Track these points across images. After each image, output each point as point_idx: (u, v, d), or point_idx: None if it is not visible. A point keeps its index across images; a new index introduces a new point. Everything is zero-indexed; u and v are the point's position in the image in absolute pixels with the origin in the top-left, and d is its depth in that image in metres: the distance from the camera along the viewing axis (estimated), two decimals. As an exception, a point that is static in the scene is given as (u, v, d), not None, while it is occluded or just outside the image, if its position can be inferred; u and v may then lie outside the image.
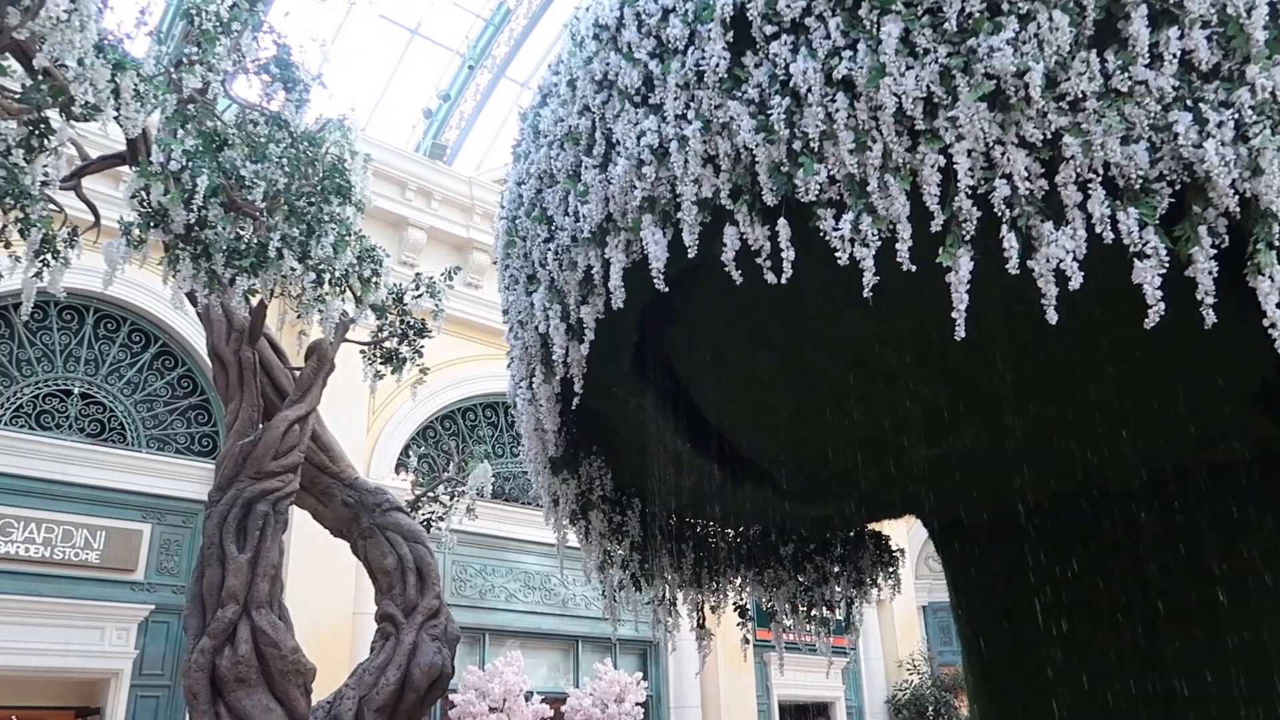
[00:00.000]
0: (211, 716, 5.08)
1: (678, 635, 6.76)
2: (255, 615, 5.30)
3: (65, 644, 12.11)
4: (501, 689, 14.83)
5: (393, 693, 5.66)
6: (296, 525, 9.18)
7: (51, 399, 13.23)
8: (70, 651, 12.17)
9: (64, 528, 12.58)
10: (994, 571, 5.75)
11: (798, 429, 5.19)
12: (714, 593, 6.48)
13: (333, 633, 13.17)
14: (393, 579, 6.10)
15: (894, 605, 21.49)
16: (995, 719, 5.84)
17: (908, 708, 21.37)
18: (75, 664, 12.32)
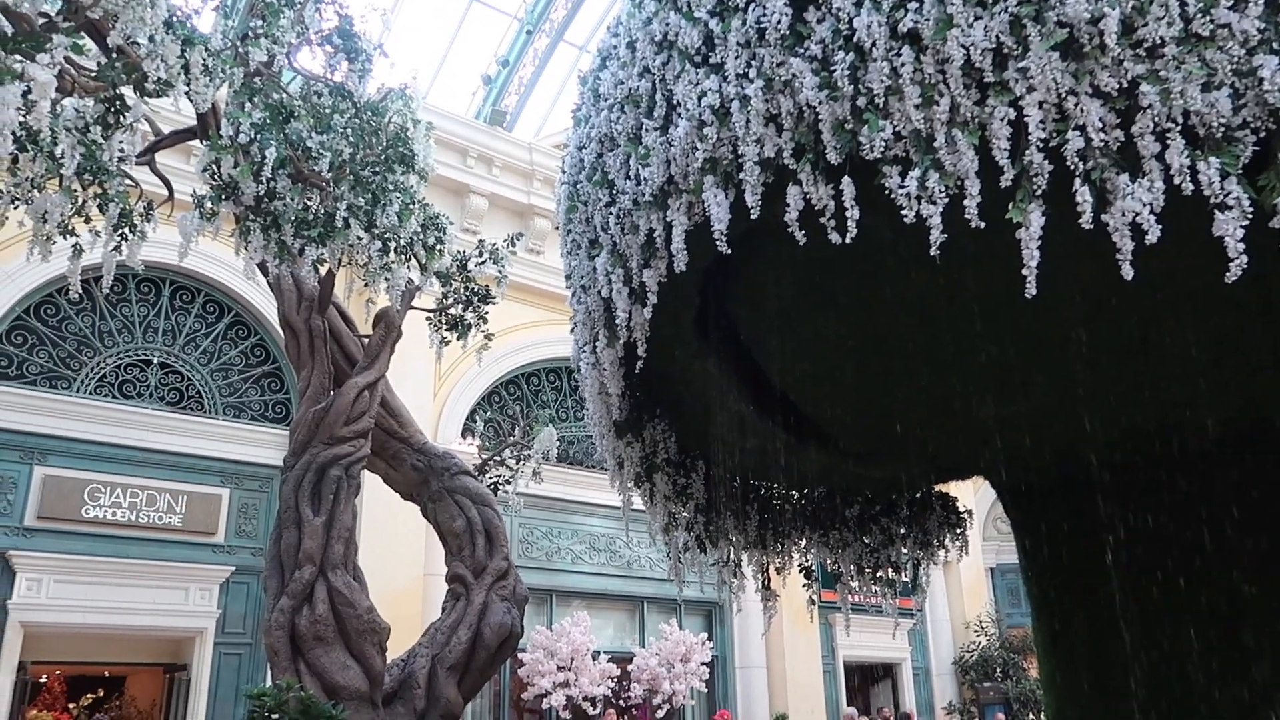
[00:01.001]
0: (292, 673, 5.27)
1: (743, 596, 6.80)
2: (331, 576, 5.46)
3: (153, 604, 12.63)
4: (569, 648, 15.09)
5: (464, 651, 5.80)
6: (368, 490, 9.39)
7: (132, 368, 13.69)
8: (158, 611, 12.69)
9: (148, 492, 13.06)
10: (1065, 532, 5.66)
11: (863, 390, 5.15)
12: (779, 554, 6.49)
13: (405, 594, 13.51)
14: (462, 541, 6.23)
15: (961, 567, 21.31)
16: (1065, 681, 5.77)
17: (975, 669, 21.23)
18: (163, 623, 12.85)
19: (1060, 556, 5.73)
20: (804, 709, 17.55)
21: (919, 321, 4.47)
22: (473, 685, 5.87)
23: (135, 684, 17.84)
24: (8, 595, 11.79)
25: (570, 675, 15.02)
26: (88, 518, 12.47)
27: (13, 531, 12.09)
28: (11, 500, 12.19)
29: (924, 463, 5.86)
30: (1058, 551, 5.74)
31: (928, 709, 20.64)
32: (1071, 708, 5.71)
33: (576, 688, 14.94)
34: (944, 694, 21.35)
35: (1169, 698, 5.12)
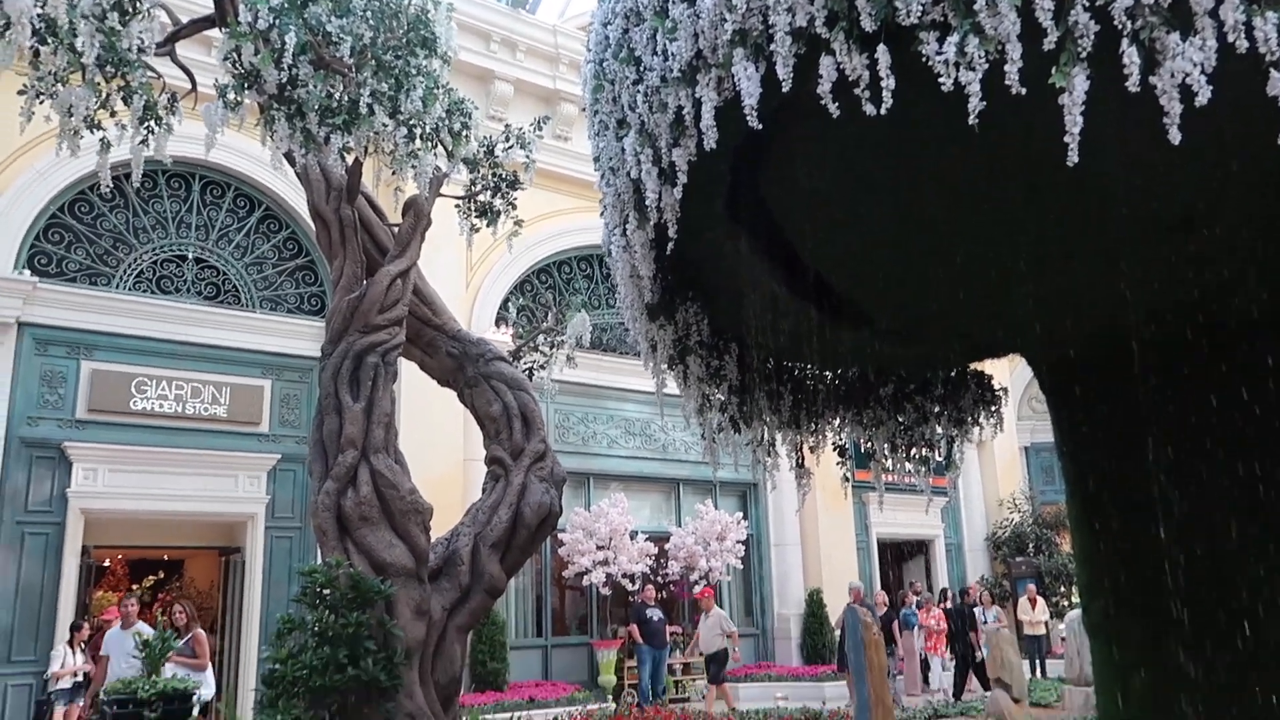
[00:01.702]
0: (341, 551, 5.46)
1: (777, 475, 6.89)
2: (373, 459, 5.60)
3: (204, 491, 13.09)
4: (607, 529, 15.51)
5: (505, 530, 5.96)
6: (406, 377, 9.54)
7: (169, 264, 13.84)
8: (209, 497, 13.16)
9: (192, 385, 13.37)
10: (1103, 409, 5.63)
11: (899, 269, 5.08)
12: (812, 433, 6.54)
13: (445, 478, 13.86)
14: (499, 425, 6.34)
15: (995, 445, 21.47)
16: (1100, 554, 5.84)
17: (1007, 544, 21.59)
18: (215, 509, 13.34)
19: (1097, 432, 5.72)
20: (838, 584, 18.00)
21: (956, 198, 4.37)
22: (514, 562, 6.06)
23: (193, 566, 18.66)
24: (66, 484, 12.27)
25: (609, 554, 15.48)
26: (136, 410, 12.84)
27: (66, 424, 12.48)
28: (63, 394, 12.55)
29: (960, 341, 5.82)
30: (1094, 427, 5.73)
31: (960, 583, 21.07)
32: (1104, 579, 5.79)
33: (615, 566, 15.41)
34: (976, 569, 21.77)
35: (1203, 568, 5.18)
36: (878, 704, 10.09)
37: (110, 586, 17.95)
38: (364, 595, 5.22)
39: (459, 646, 5.84)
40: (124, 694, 8.76)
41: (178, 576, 19.06)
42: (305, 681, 5.00)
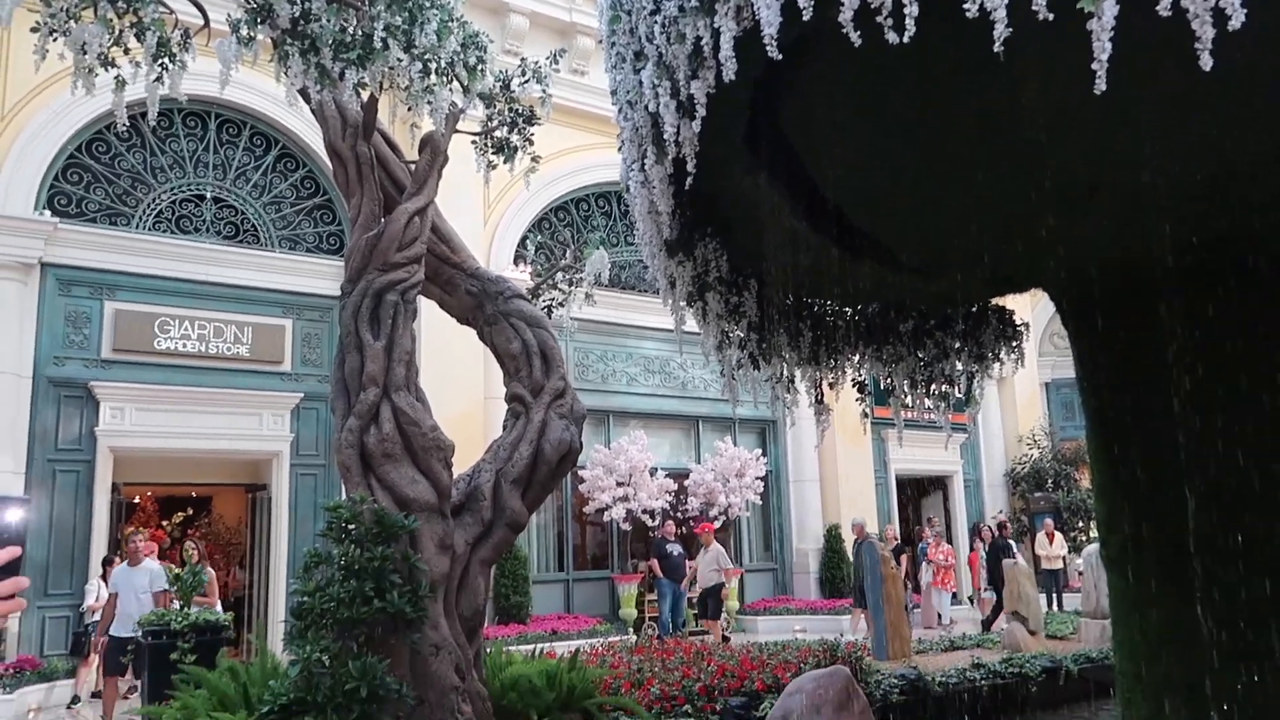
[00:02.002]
0: (364, 488, 5.54)
1: (796, 412, 6.90)
2: (395, 397, 5.64)
3: (229, 429, 13.27)
4: (627, 465, 15.64)
5: (526, 466, 6.02)
6: (426, 317, 9.58)
7: (187, 204, 13.84)
8: (235, 435, 13.34)
9: (214, 324, 13.47)
10: (1125, 342, 5.59)
11: (921, 204, 5.02)
12: (832, 370, 6.52)
13: (466, 416, 13.98)
14: (519, 362, 6.36)
15: (1016, 381, 21.40)
16: (1119, 488, 5.85)
17: (1026, 480, 21.64)
18: (241, 446, 13.53)
19: (1119, 366, 5.69)
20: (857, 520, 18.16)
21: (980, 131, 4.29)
22: (535, 498, 6.12)
23: (221, 503, 19.00)
24: (94, 423, 12.46)
25: (629, 490, 15.64)
26: (160, 349, 12.97)
27: (92, 364, 12.64)
28: (88, 334, 12.68)
29: (981, 276, 5.76)
30: (1116, 361, 5.69)
31: (978, 518, 21.19)
32: (1124, 513, 5.80)
33: (635, 502, 15.58)
34: (994, 504, 21.87)
35: (1224, 501, 5.18)
36: (895, 636, 10.25)
37: (141, 523, 18.32)
38: (388, 530, 5.31)
39: (482, 580, 5.94)
40: (158, 625, 9.01)
41: (206, 513, 19.43)
42: (333, 614, 5.11)
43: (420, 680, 5.34)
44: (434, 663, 5.39)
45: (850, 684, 6.01)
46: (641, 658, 7.92)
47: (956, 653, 10.06)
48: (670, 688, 6.53)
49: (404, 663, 5.31)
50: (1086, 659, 8.67)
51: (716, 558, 13.32)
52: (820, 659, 7.47)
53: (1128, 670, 5.90)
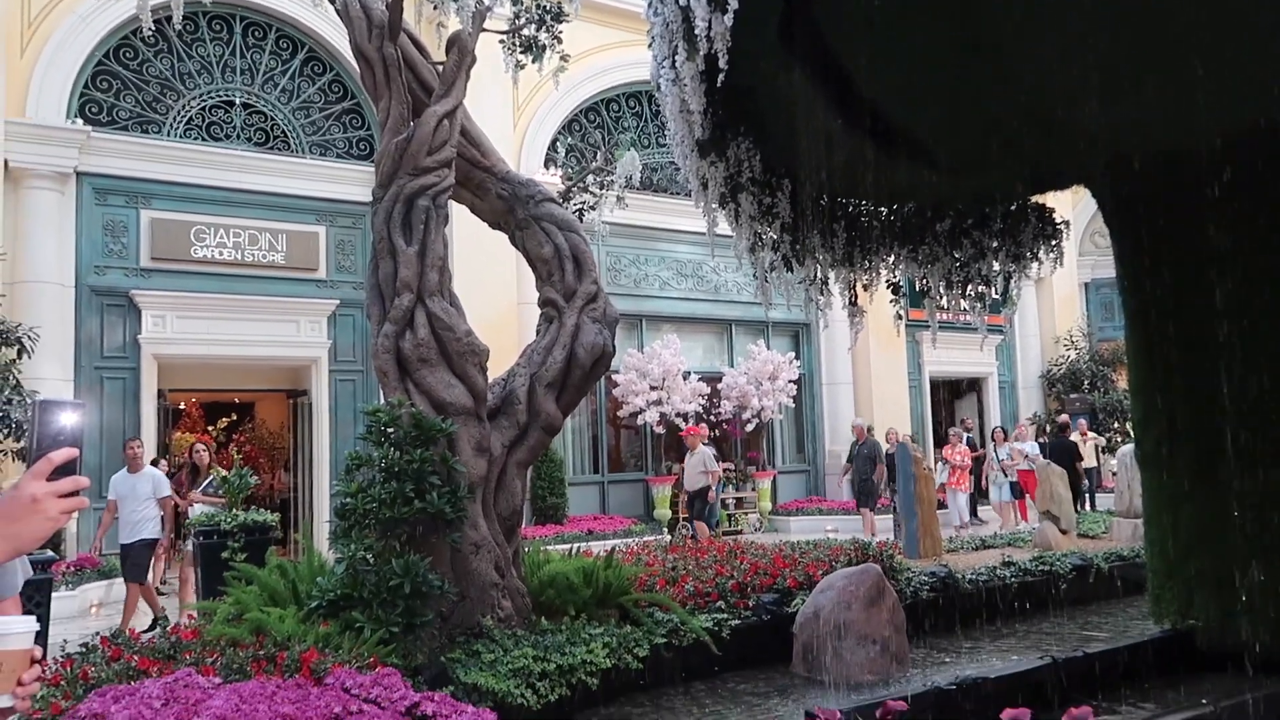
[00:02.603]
0: (402, 392, 5.62)
1: (829, 315, 6.87)
2: (429, 302, 5.68)
3: (268, 336, 13.46)
4: (660, 369, 15.72)
5: (560, 370, 6.07)
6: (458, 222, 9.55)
7: (217, 110, 13.78)
8: (273, 342, 13.54)
9: (249, 232, 13.55)
10: (1168, 237, 5.47)
11: (959, 98, 4.88)
12: (866, 271, 6.47)
13: (499, 322, 14.06)
14: (551, 267, 6.35)
15: (1054, 281, 21.08)
16: (1156, 387, 5.80)
17: (1062, 381, 21.50)
18: (279, 353, 13.74)
19: (1160, 263, 5.58)
20: (889, 422, 18.20)
21: (1020, 20, 4.14)
22: (569, 401, 6.18)
23: (263, 409, 19.42)
24: (137, 331, 12.70)
25: (662, 394, 15.76)
26: (197, 257, 13.10)
27: (132, 273, 12.80)
28: (125, 243, 12.82)
29: (1021, 172, 5.64)
30: (1158, 258, 5.58)
31: (1012, 420, 21.15)
32: (1160, 412, 5.77)
33: (669, 405, 15.71)
34: (1029, 406, 21.80)
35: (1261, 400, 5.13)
36: (926, 535, 10.37)
37: (187, 428, 18.81)
38: (426, 433, 5.40)
39: (519, 482, 6.06)
40: (209, 526, 9.33)
41: (249, 418, 19.88)
42: (375, 514, 5.26)
43: (461, 577, 5.50)
44: (474, 560, 5.55)
45: (881, 581, 6.12)
46: (676, 556, 8.08)
47: (987, 551, 10.16)
48: (704, 585, 6.68)
49: (445, 560, 5.47)
50: (1118, 557, 8.73)
51: (703, 460, 13.27)
52: (852, 557, 7.59)
53: (1159, 567, 5.96)
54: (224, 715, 3.50)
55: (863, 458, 14.73)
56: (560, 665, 5.08)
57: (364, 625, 5.00)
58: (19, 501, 1.46)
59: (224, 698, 3.75)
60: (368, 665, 4.45)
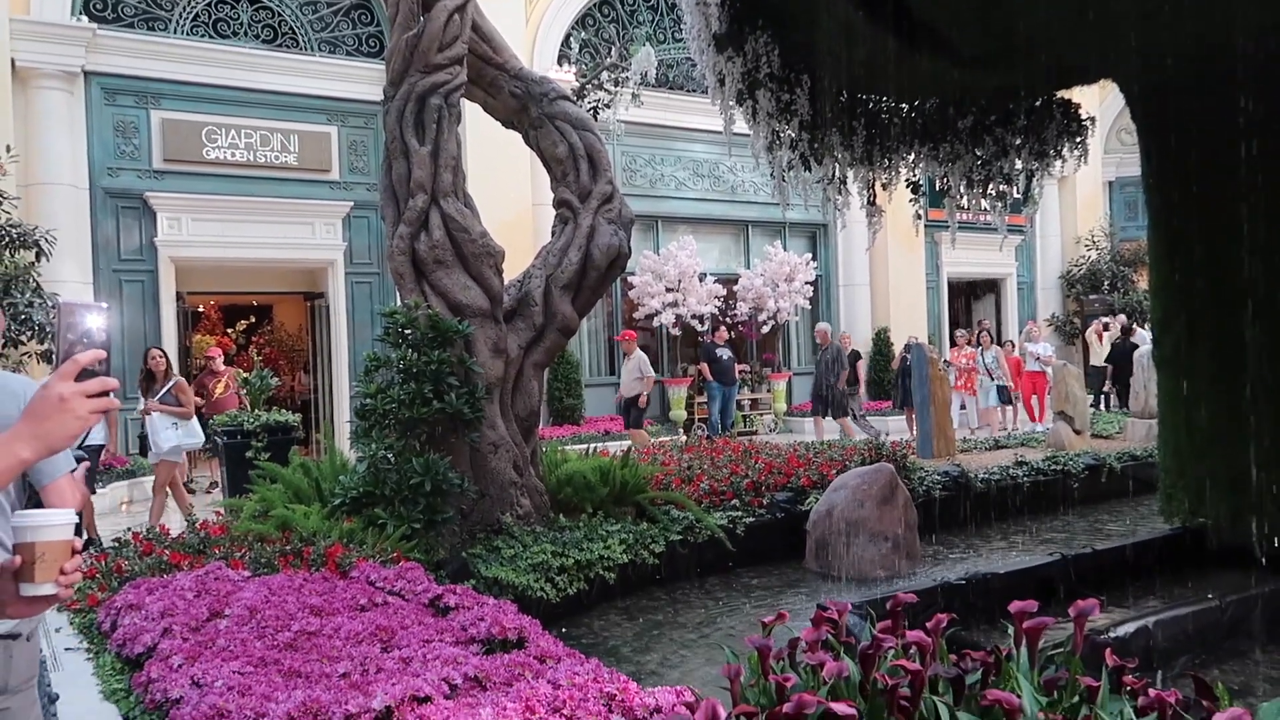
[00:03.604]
0: (418, 294, 5.64)
1: (847, 214, 6.79)
2: (443, 203, 5.64)
3: (283, 238, 13.45)
4: (676, 271, 15.66)
5: (576, 271, 6.06)
6: (471, 123, 9.41)
7: (223, 6, 13.48)
8: (288, 245, 13.53)
9: (260, 133, 13.40)
10: (1195, 134, 5.34)
11: (985, -13, 4.71)
12: (885, 170, 6.36)
13: (515, 223, 13.97)
14: (566, 167, 6.28)
15: (1077, 180, 20.67)
16: (1177, 288, 5.75)
17: (1082, 282, 21.30)
18: (295, 255, 13.74)
19: (1188, 159, 5.47)
20: (906, 324, 18.14)
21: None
22: (585, 302, 6.19)
23: (281, 312, 19.53)
24: (154, 234, 12.70)
25: (678, 296, 15.73)
26: (210, 159, 13.00)
27: (145, 175, 12.73)
28: (137, 145, 12.71)
29: (1047, 66, 5.47)
30: (1185, 154, 5.46)
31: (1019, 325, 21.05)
32: (1180, 313, 5.73)
33: (685, 307, 15.69)
34: (1048, 307, 21.65)
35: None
36: (940, 435, 10.45)
37: (206, 330, 18.96)
38: (443, 335, 5.44)
39: (536, 383, 6.11)
40: (232, 426, 9.49)
41: (268, 321, 20.02)
42: (395, 414, 5.34)
43: (480, 475, 5.61)
44: (493, 459, 5.65)
45: (894, 480, 6.20)
46: (691, 456, 8.20)
47: (1001, 451, 10.25)
48: (719, 484, 6.79)
49: (464, 460, 5.57)
50: (1130, 457, 8.80)
51: (638, 365, 13.16)
52: (865, 457, 7.68)
53: (1171, 466, 6.00)
54: (254, 606, 3.63)
55: (825, 363, 14.02)
56: (578, 560, 5.21)
57: (387, 521, 5.13)
58: (48, 401, 1.49)
59: (254, 590, 3.88)
60: (391, 560, 4.58)
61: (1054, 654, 2.30)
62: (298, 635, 3.34)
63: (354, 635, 3.32)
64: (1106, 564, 5.24)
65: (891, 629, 2.38)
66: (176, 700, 2.86)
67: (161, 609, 3.71)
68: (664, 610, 5.37)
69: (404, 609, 3.71)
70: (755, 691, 2.23)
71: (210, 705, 2.70)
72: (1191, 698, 2.00)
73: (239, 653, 3.18)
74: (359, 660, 3.04)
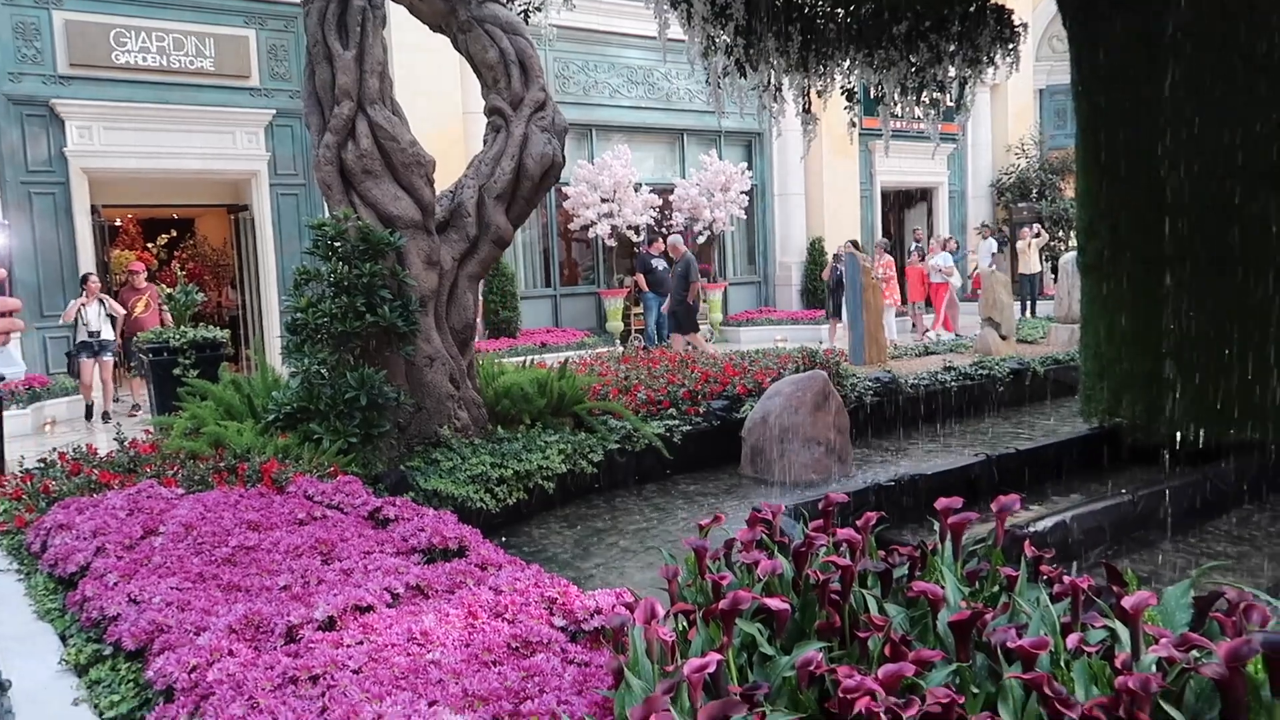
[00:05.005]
0: (347, 205, 5.49)
1: (782, 122, 6.76)
2: (370, 111, 5.46)
3: (203, 149, 12.95)
4: (611, 181, 15.49)
5: (509, 181, 5.95)
6: (397, 26, 9.06)
7: (125, -103, 12.67)
8: (208, 155, 13.03)
9: (173, 36, 12.78)
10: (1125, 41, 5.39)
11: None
12: (820, 77, 6.32)
13: (445, 132, 13.63)
14: (496, 73, 6.11)
15: (1009, 87, 20.84)
16: (1103, 195, 5.86)
17: (1011, 190, 21.63)
18: (216, 166, 13.25)
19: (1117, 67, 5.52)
20: (840, 233, 18.28)
21: None
22: (519, 213, 6.10)
23: (204, 225, 18.93)
24: (63, 143, 12.12)
25: (613, 206, 15.60)
26: (119, 64, 12.38)
27: (50, 80, 12.09)
28: (40, 48, 12.03)
29: (982, -29, 5.45)
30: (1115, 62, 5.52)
31: (960, 230, 21.37)
32: (1105, 220, 5.86)
33: (620, 218, 15.58)
34: (978, 215, 21.98)
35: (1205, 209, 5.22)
36: (871, 342, 10.65)
37: (126, 245, 18.32)
38: (374, 247, 5.33)
39: (471, 295, 6.05)
40: (157, 343, 9.26)
41: (190, 235, 19.39)
42: (327, 328, 5.25)
43: (417, 389, 5.58)
44: (429, 373, 5.61)
45: (827, 386, 6.32)
46: (628, 367, 8.25)
47: (931, 358, 10.49)
48: (656, 393, 6.85)
49: (400, 373, 5.52)
50: (1054, 361, 9.08)
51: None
52: (800, 365, 7.80)
53: (1091, 369, 6.22)
54: (190, 523, 3.60)
55: (678, 276, 12.97)
56: (517, 471, 5.25)
57: (322, 436, 5.09)
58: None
59: (188, 506, 3.84)
60: (328, 474, 4.57)
61: (976, 548, 2.40)
62: (236, 550, 3.33)
63: (293, 549, 3.32)
64: (1029, 463, 5.46)
65: (823, 528, 2.45)
66: (114, 617, 2.84)
67: (93, 528, 3.65)
68: (603, 518, 5.46)
69: (343, 522, 3.72)
70: (692, 591, 2.30)
71: (149, 621, 2.69)
72: (1103, 584, 2.11)
73: (176, 569, 3.16)
74: (299, 573, 3.05)
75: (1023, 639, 1.70)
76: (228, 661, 2.34)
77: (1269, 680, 1.54)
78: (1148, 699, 1.51)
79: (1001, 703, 1.63)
